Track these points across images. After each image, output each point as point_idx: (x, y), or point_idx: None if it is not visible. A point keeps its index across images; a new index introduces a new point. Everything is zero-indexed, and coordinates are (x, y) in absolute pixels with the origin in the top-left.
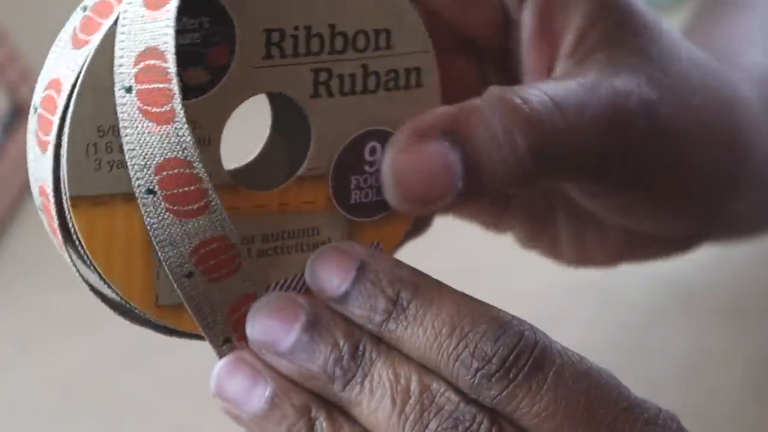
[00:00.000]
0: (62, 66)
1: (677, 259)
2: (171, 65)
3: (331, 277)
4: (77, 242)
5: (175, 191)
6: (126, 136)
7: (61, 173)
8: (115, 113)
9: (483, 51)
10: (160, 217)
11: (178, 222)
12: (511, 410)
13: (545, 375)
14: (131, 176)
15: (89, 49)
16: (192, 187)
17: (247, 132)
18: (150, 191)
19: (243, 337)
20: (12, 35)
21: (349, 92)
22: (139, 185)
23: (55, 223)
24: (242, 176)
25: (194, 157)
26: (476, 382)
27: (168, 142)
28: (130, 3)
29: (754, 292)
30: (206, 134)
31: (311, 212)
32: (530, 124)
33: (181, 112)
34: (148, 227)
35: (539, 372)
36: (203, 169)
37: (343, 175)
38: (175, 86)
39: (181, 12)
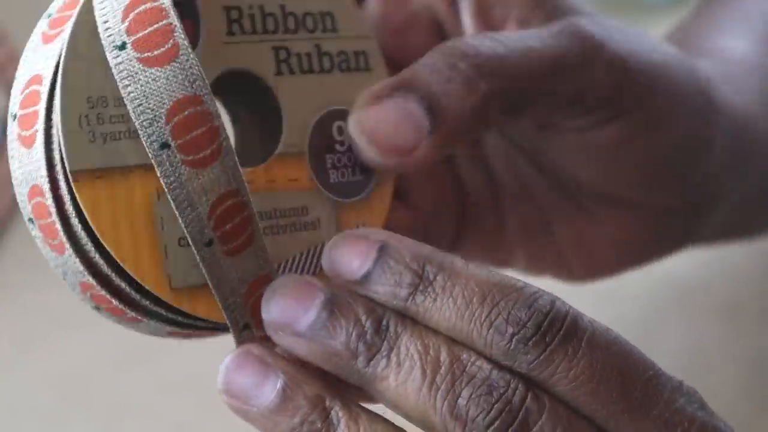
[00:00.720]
0: (38, 63)
1: (674, 257)
2: (166, 1)
3: (351, 260)
4: (80, 226)
5: (188, 137)
6: (129, 93)
7: (55, 152)
8: (102, 84)
9: None
10: (177, 173)
11: (194, 174)
12: (547, 375)
13: (579, 340)
14: (141, 135)
15: (63, 37)
16: (204, 128)
17: None
18: (164, 145)
19: (260, 324)
20: (12, 35)
21: (308, 71)
22: (151, 141)
23: (53, 216)
24: None
25: (203, 89)
26: (512, 347)
27: (175, 80)
28: None
29: (751, 290)
30: None
31: (298, 191)
32: (469, 52)
33: (185, 42)
34: (166, 187)
35: (573, 337)
36: (213, 101)
37: (318, 154)
38: (174, 19)
39: None
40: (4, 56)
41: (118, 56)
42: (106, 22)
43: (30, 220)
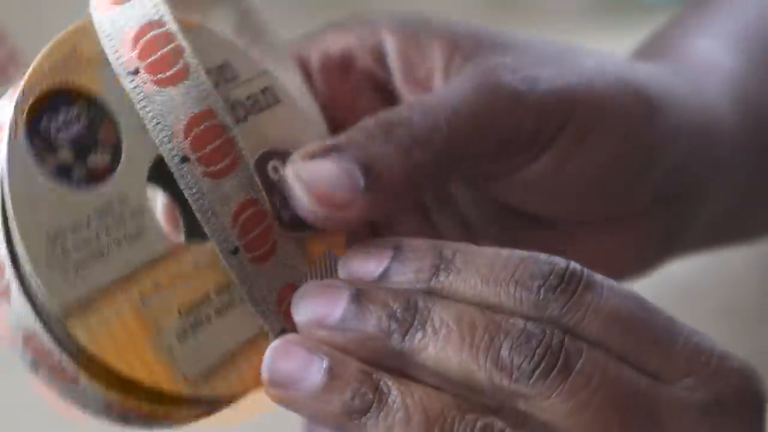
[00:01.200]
0: None
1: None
2: (171, 25)
3: (368, 262)
4: (87, 359)
5: (206, 150)
6: (148, 113)
7: (36, 296)
8: (53, 218)
9: None
10: (198, 185)
11: (215, 185)
12: (579, 318)
13: (600, 287)
14: (162, 151)
15: (0, 179)
16: (220, 140)
17: None
18: (184, 159)
19: (294, 330)
20: (12, 35)
21: None
22: (172, 156)
23: (57, 355)
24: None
25: (216, 104)
26: (542, 297)
27: (189, 97)
28: (93, 8)
29: (748, 293)
30: (137, 205)
31: None
32: (403, 122)
33: (195, 60)
34: (189, 199)
35: (595, 284)
36: (225, 114)
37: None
38: (182, 41)
39: (56, 109)
40: (4, 56)
41: (132, 81)
42: (116, 51)
43: (34, 363)
